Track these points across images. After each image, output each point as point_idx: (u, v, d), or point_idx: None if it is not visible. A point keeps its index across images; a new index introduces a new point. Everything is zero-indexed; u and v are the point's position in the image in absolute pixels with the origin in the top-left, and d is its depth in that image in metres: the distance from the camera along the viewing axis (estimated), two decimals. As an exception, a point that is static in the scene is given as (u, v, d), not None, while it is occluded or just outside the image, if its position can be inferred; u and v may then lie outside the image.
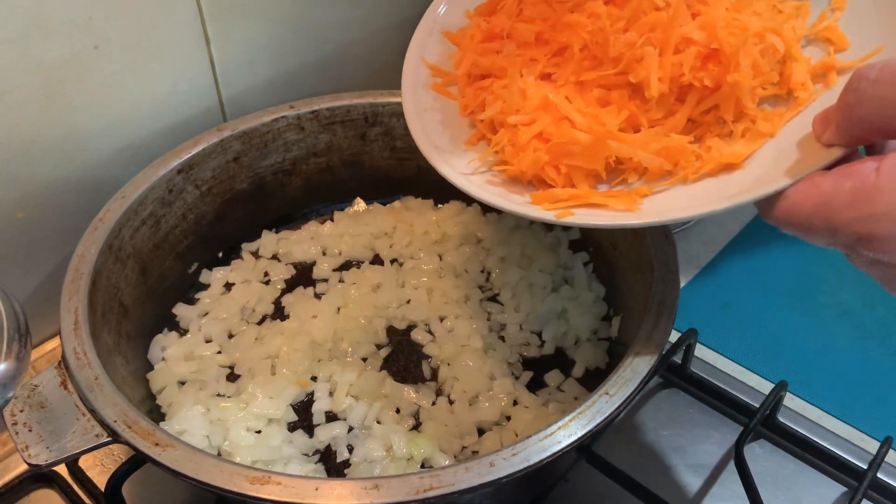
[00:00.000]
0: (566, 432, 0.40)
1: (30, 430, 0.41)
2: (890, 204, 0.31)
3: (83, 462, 0.55)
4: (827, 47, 0.43)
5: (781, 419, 0.57)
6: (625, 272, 0.57)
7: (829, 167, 0.35)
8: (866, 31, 0.41)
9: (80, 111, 0.56)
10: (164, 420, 0.52)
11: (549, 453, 0.39)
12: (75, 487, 0.53)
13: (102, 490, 0.52)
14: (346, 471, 0.51)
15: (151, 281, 0.57)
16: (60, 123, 0.55)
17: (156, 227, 0.58)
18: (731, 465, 0.55)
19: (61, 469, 0.54)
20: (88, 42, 0.54)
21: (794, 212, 0.34)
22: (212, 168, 0.61)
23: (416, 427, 0.53)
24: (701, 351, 0.64)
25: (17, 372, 0.35)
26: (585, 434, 0.40)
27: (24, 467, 0.55)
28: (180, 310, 0.60)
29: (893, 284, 0.34)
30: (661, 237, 0.51)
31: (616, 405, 0.41)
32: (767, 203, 0.36)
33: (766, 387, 0.61)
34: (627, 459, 0.55)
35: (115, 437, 0.41)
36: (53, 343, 0.62)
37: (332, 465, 0.52)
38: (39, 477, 0.54)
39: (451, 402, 0.54)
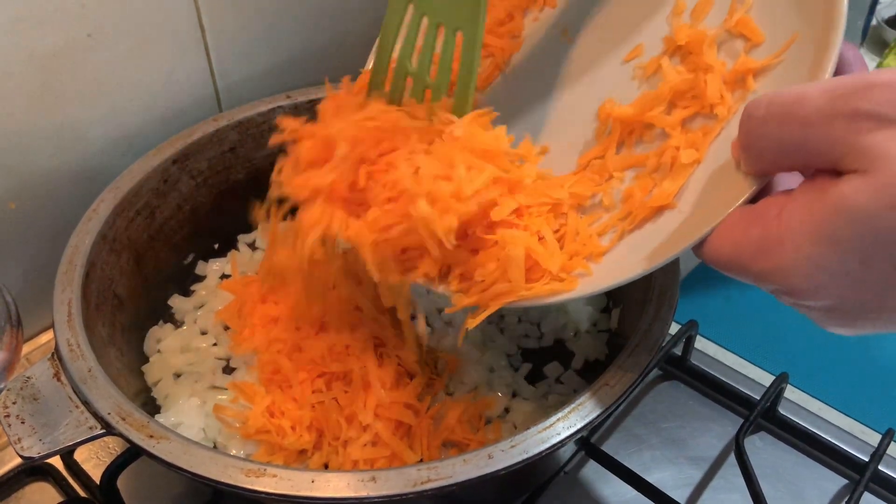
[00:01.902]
0: (565, 424, 0.40)
1: (22, 423, 0.41)
2: (794, 257, 0.29)
3: (78, 455, 0.54)
4: (743, 44, 0.39)
5: (782, 411, 0.57)
6: (625, 263, 0.56)
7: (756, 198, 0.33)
8: (777, 12, 0.38)
9: (74, 100, 0.55)
10: (159, 413, 0.52)
11: (548, 445, 0.39)
12: (70, 480, 0.53)
13: (97, 483, 0.51)
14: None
15: (146, 272, 0.57)
16: (54, 113, 0.55)
17: (151, 218, 0.57)
18: (732, 458, 0.55)
19: (56, 462, 0.54)
20: (82, 30, 0.53)
21: (715, 259, 0.33)
22: (207, 158, 0.60)
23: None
24: (701, 343, 0.63)
25: (9, 363, 0.35)
26: (585, 425, 0.40)
27: (18, 460, 0.54)
28: (176, 301, 0.60)
29: (825, 324, 0.33)
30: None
31: (616, 396, 0.41)
32: (696, 248, 0.35)
33: (766, 379, 0.61)
34: (627, 452, 0.55)
35: (109, 430, 0.41)
36: (47, 336, 0.61)
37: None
38: (34, 470, 0.54)
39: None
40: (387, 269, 0.41)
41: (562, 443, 0.39)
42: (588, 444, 0.52)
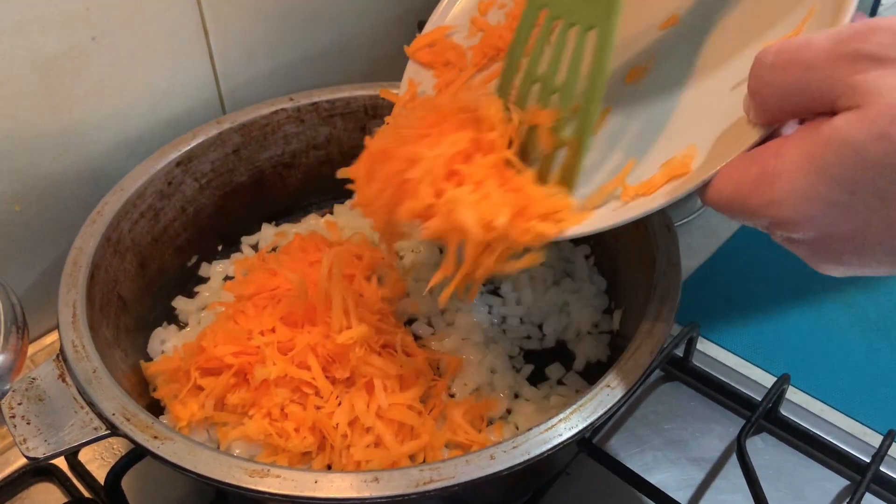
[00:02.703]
0: (567, 425, 0.40)
1: (28, 423, 0.41)
2: (788, 190, 0.31)
3: (82, 455, 0.55)
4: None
5: (784, 412, 0.57)
6: (626, 265, 0.56)
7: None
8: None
9: (79, 103, 0.56)
10: (163, 414, 0.52)
11: (550, 446, 0.39)
12: (75, 481, 0.53)
13: (102, 483, 0.51)
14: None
15: (150, 274, 0.57)
16: (59, 115, 0.55)
17: (154, 220, 0.57)
18: (734, 459, 0.55)
19: (61, 463, 0.54)
20: (86, 34, 0.53)
21: (717, 198, 0.35)
22: (211, 160, 0.61)
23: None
24: (703, 344, 0.63)
25: (14, 364, 0.35)
26: (587, 426, 0.40)
27: (23, 461, 0.54)
28: (179, 303, 0.60)
29: (813, 260, 0.34)
30: (663, 229, 0.51)
31: (617, 397, 0.41)
32: (700, 192, 0.36)
33: (768, 380, 0.61)
34: (629, 453, 0.55)
35: (114, 430, 0.41)
36: (52, 337, 0.61)
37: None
38: (39, 471, 0.54)
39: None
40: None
41: (563, 443, 0.39)
42: (590, 444, 0.52)
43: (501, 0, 0.55)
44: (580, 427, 0.40)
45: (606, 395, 0.41)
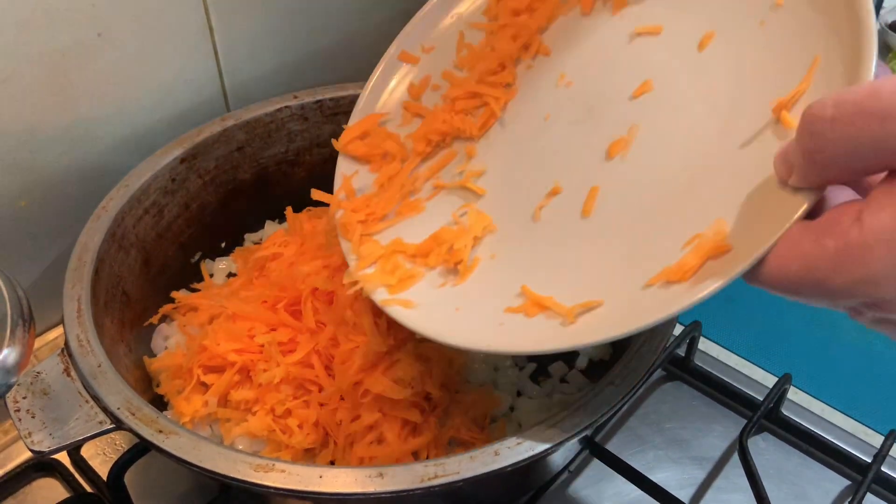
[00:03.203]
0: (571, 422, 0.40)
1: (33, 417, 0.41)
2: (885, 264, 0.26)
3: (85, 451, 0.55)
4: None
5: (785, 412, 0.57)
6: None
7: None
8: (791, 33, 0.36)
9: (84, 99, 0.56)
10: (166, 409, 0.52)
11: (554, 442, 0.39)
12: (77, 476, 0.53)
13: (104, 479, 0.51)
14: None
15: (154, 270, 0.57)
16: (64, 111, 0.55)
17: (159, 217, 0.58)
18: (735, 458, 0.55)
19: (63, 458, 0.54)
20: (92, 29, 0.54)
21: (780, 279, 0.30)
22: (215, 157, 0.61)
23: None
24: (704, 344, 0.63)
25: (21, 357, 0.35)
26: (590, 423, 0.40)
27: (25, 456, 0.55)
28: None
29: None
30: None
31: (621, 395, 0.41)
32: (752, 271, 0.31)
33: (769, 380, 0.61)
34: (630, 452, 0.56)
35: (119, 425, 0.41)
36: (56, 332, 0.61)
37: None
38: (41, 466, 0.54)
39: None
40: None
41: (567, 440, 0.39)
42: (592, 443, 0.52)
43: (434, 82, 0.52)
44: (585, 424, 0.40)
45: (610, 392, 0.42)
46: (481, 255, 0.44)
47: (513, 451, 0.39)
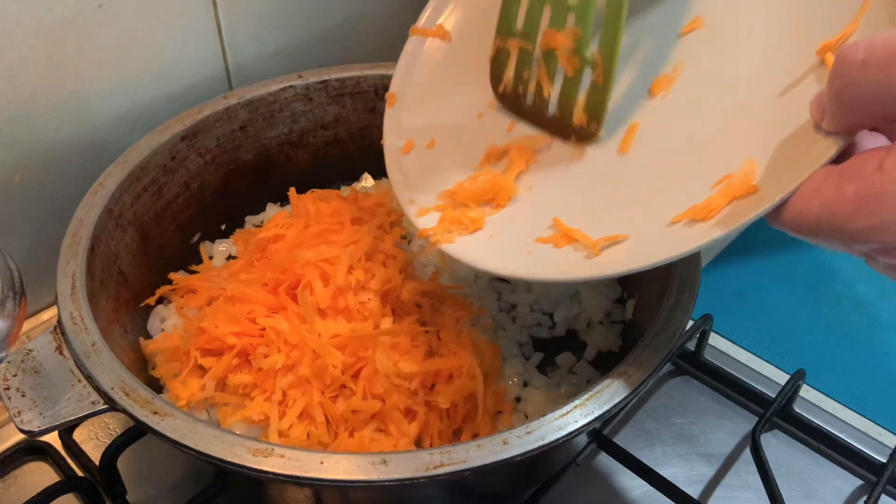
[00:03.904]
0: (583, 411, 0.39)
1: (23, 396, 0.40)
2: None
3: (77, 435, 0.53)
4: None
5: (797, 409, 0.56)
6: (642, 253, 0.55)
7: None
8: None
9: (82, 73, 0.54)
10: (162, 393, 0.50)
11: (565, 432, 0.38)
12: (69, 460, 0.52)
13: (97, 464, 0.50)
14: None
15: (151, 250, 0.56)
16: (61, 85, 0.53)
17: (157, 195, 0.56)
18: (745, 455, 0.54)
19: (55, 441, 0.52)
20: (93, 1, 0.52)
21: (801, 220, 0.31)
22: (216, 136, 0.59)
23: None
24: (713, 339, 0.62)
25: (11, 331, 0.34)
26: (603, 413, 0.38)
27: (16, 439, 0.53)
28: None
29: None
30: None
31: (635, 385, 0.40)
32: (774, 211, 0.32)
33: (779, 376, 0.60)
34: (638, 446, 0.54)
35: (112, 405, 0.39)
36: (49, 313, 0.60)
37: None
38: (32, 449, 0.52)
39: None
40: None
41: (579, 430, 0.38)
42: (600, 436, 0.51)
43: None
44: (596, 414, 0.38)
45: (623, 382, 0.40)
46: (520, 186, 0.44)
47: (522, 440, 0.37)
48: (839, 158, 0.31)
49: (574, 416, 0.38)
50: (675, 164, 0.39)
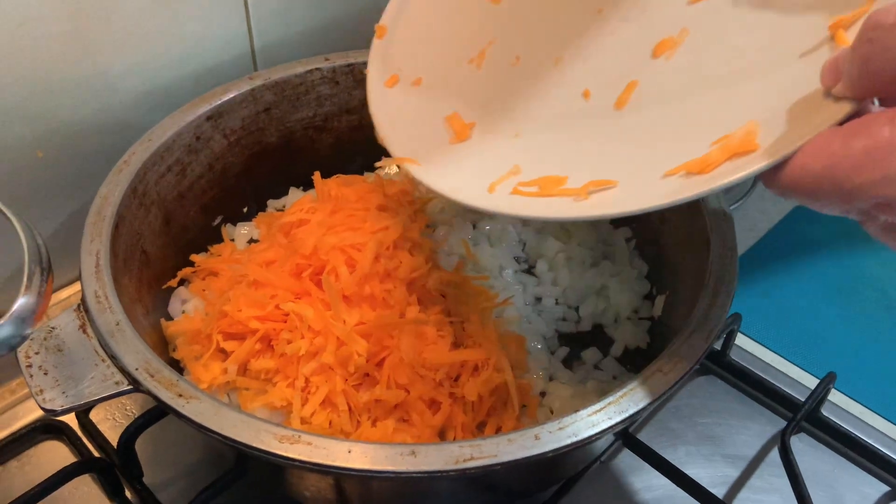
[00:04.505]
0: (617, 408, 0.38)
1: (45, 374, 0.39)
2: None
3: (94, 415, 0.52)
4: None
5: (824, 413, 0.55)
6: (673, 249, 0.54)
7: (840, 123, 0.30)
8: None
9: (106, 49, 0.53)
10: (182, 375, 0.50)
11: (598, 429, 0.37)
12: (85, 440, 0.51)
13: (113, 445, 0.49)
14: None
15: (174, 231, 0.55)
16: (84, 61, 0.52)
17: (181, 175, 0.55)
18: (770, 458, 0.53)
19: (71, 421, 0.52)
20: (119, -26, 0.51)
21: (801, 178, 0.30)
22: (241, 117, 0.58)
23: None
24: (739, 339, 0.61)
25: (38, 307, 0.33)
26: (638, 411, 0.38)
27: (33, 416, 0.52)
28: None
29: None
30: (718, 212, 0.48)
31: (670, 384, 0.39)
32: (772, 171, 0.31)
33: (805, 378, 0.59)
34: (661, 446, 0.53)
35: (137, 386, 0.38)
36: (69, 291, 0.59)
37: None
38: (48, 428, 0.52)
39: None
40: None
41: (612, 428, 0.37)
42: (627, 434, 0.50)
43: None
44: (631, 412, 0.38)
45: (658, 380, 0.39)
46: (509, 132, 0.44)
47: (555, 435, 0.36)
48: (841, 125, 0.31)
49: (608, 413, 0.37)
50: (672, 124, 0.38)
